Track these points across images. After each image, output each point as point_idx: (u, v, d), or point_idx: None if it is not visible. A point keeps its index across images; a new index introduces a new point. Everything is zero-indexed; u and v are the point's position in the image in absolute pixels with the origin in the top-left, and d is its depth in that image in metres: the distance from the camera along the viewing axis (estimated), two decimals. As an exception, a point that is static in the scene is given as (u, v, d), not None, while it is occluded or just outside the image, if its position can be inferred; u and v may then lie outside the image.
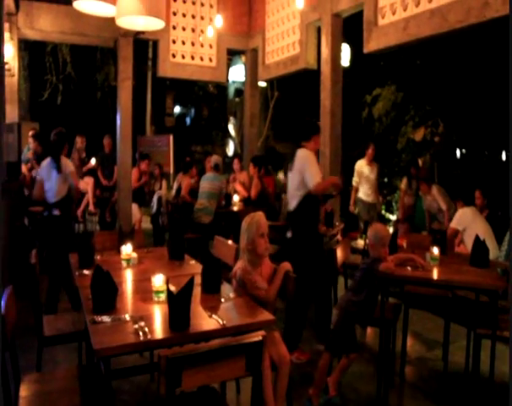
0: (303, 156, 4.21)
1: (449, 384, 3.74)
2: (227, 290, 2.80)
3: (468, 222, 5.25)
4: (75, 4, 3.72)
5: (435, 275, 3.41)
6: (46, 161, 4.96)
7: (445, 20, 4.44)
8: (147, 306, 2.51)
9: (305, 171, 4.11)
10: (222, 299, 2.65)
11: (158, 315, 2.40)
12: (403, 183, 7.71)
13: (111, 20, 3.89)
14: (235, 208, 6.62)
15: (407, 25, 4.90)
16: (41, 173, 4.96)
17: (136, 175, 7.75)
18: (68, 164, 5.02)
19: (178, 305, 2.20)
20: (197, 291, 2.69)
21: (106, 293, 2.46)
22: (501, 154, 11.51)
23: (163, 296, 2.51)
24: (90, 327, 2.21)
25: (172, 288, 2.30)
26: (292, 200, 4.29)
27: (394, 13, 5.11)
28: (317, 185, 4.05)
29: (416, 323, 4.75)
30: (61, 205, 4.91)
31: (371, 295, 3.31)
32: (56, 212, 4.91)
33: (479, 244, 3.67)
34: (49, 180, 4.89)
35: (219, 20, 7.03)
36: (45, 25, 6.58)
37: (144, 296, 2.65)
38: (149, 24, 3.96)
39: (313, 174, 4.06)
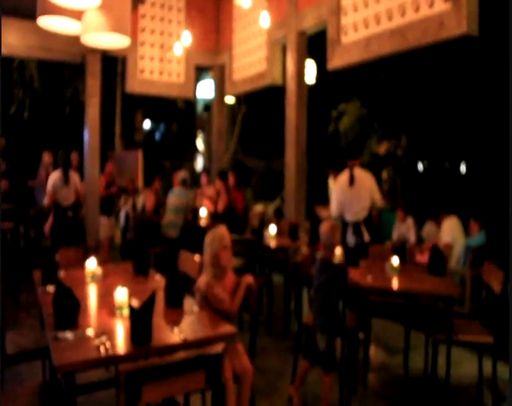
0: (369, 175, 4.97)
1: (410, 389, 3.85)
2: (191, 304, 2.83)
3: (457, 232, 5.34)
4: (39, 21, 3.71)
5: (395, 284, 3.53)
6: (58, 174, 6.48)
7: (405, 39, 4.65)
8: (110, 321, 2.53)
9: (373, 189, 4.91)
10: (185, 313, 2.69)
11: (121, 330, 2.42)
12: None
13: (79, 36, 3.91)
14: (202, 222, 6.65)
15: (369, 43, 5.08)
16: (54, 184, 6.43)
17: (103, 182, 7.64)
18: (74, 176, 6.62)
19: (140, 320, 2.23)
20: (160, 305, 2.72)
21: (68, 309, 2.46)
22: (460, 165, 11.89)
23: (126, 311, 2.53)
24: (52, 344, 2.21)
25: (134, 303, 2.34)
26: (363, 212, 4.87)
27: (356, 31, 5.29)
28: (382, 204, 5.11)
29: (378, 331, 4.87)
30: (72, 208, 6.53)
31: (335, 300, 3.40)
32: (69, 213, 6.48)
33: (436, 253, 3.82)
34: (61, 189, 6.43)
35: (187, 37, 7.11)
36: (12, 40, 6.53)
37: (107, 311, 2.66)
38: (114, 41, 3.98)
39: (379, 194, 4.98)
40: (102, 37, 3.94)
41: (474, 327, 3.61)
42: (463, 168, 11.40)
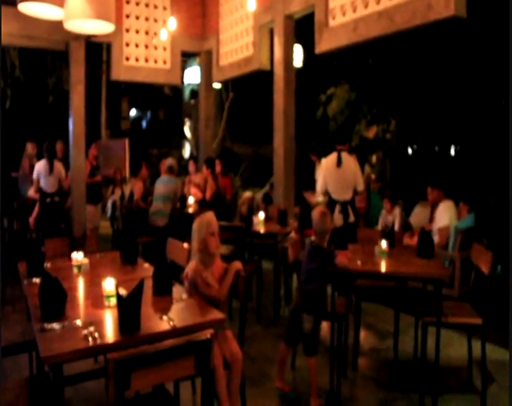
0: (355, 161, 5.38)
1: (400, 372, 3.88)
2: (179, 291, 2.81)
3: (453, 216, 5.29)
4: (20, 7, 3.63)
5: (383, 268, 3.53)
6: (42, 163, 6.90)
7: (392, 21, 4.63)
8: (98, 311, 2.50)
9: (357, 174, 5.27)
10: (174, 301, 2.67)
11: (109, 320, 2.40)
12: None
13: (62, 22, 3.82)
14: (190, 210, 6.61)
15: (357, 26, 5.05)
16: (39, 172, 6.87)
17: (88, 167, 7.54)
18: (58, 165, 7.01)
19: (128, 308, 2.21)
20: (149, 293, 2.70)
21: (55, 300, 2.42)
22: (450, 149, 11.92)
23: (114, 300, 2.49)
24: (38, 335, 2.18)
25: (122, 292, 2.31)
26: (348, 192, 5.24)
27: (344, 15, 5.26)
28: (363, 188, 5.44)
29: (368, 315, 4.89)
30: (58, 194, 6.98)
31: (323, 284, 3.40)
32: (56, 199, 6.92)
33: (424, 235, 3.82)
34: (46, 177, 6.85)
35: (172, 23, 7.02)
36: (-9, 26, 6.37)
37: (95, 301, 2.63)
38: (98, 27, 3.91)
39: (362, 179, 5.37)
40: (86, 23, 3.87)
41: (463, 309, 3.62)
42: (452, 152, 11.44)
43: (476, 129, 9.46)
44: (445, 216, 5.21)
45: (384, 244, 3.71)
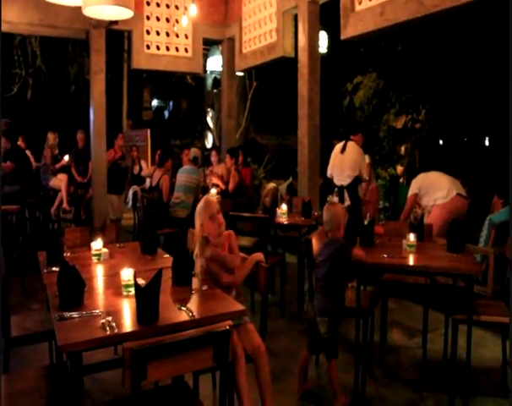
0: (359, 151, 5.60)
1: (429, 371, 3.73)
2: (198, 282, 2.73)
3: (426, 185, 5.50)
4: (40, -7, 3.59)
5: (411, 261, 3.38)
6: None
7: (421, 5, 4.43)
8: (116, 301, 2.46)
9: (361, 163, 5.55)
10: (193, 291, 2.60)
11: (127, 310, 2.35)
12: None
13: (82, 11, 3.76)
14: (213, 201, 6.52)
15: (384, 10, 4.86)
16: None
17: (110, 156, 7.51)
18: None
19: (146, 298, 2.16)
20: (168, 284, 2.64)
21: (73, 288, 2.38)
22: (484, 140, 11.55)
23: (132, 290, 2.44)
24: (56, 324, 2.15)
25: (141, 282, 2.26)
26: (345, 177, 5.52)
27: (370, -1, 5.06)
28: (366, 175, 5.73)
29: (395, 311, 4.73)
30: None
31: (342, 283, 3.26)
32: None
33: (455, 228, 3.64)
34: None
35: (194, 9, 6.91)
36: (12, 16, 6.34)
37: (113, 291, 2.59)
38: (117, 13, 3.84)
39: (365, 168, 5.66)
40: (105, 9, 3.80)
41: (497, 308, 3.45)
42: (486, 142, 11.06)
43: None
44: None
45: (412, 237, 3.56)
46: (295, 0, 6.21)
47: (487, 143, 11.75)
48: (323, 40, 9.27)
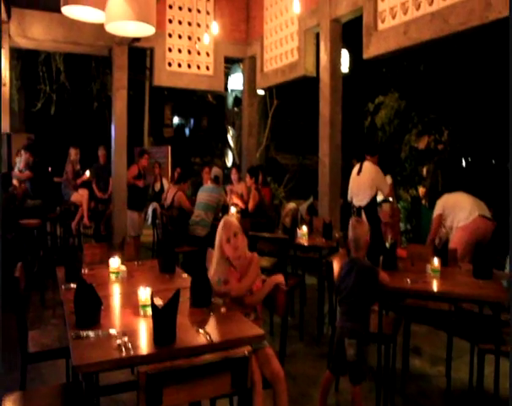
0: (376, 169, 5.65)
1: (453, 402, 3.58)
2: (218, 304, 2.67)
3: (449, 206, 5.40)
4: (64, 10, 3.64)
5: (436, 287, 3.28)
6: None
7: (446, 23, 4.38)
8: (133, 321, 2.42)
9: (379, 181, 5.64)
10: (211, 313, 2.54)
11: (143, 330, 2.31)
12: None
13: (105, 28, 3.82)
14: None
15: (408, 29, 4.83)
16: None
17: (134, 172, 7.55)
18: None
19: (163, 319, 2.11)
20: (186, 304, 2.59)
21: (90, 307, 2.36)
22: (508, 162, 11.32)
23: (149, 310, 2.40)
24: (72, 343, 2.13)
25: (158, 302, 2.22)
26: (362, 198, 5.63)
27: (394, 17, 5.04)
28: (389, 191, 5.96)
29: (417, 338, 4.59)
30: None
31: (365, 302, 3.16)
32: None
33: (481, 254, 3.53)
34: None
35: (215, 27, 6.98)
36: (37, 34, 6.49)
37: (130, 310, 2.55)
38: (139, 30, 3.86)
39: (385, 184, 5.79)
40: (127, 26, 3.83)
41: (525, 336, 3.30)
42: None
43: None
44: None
45: (436, 261, 3.47)
46: (317, 18, 6.21)
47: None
48: (345, 59, 9.23)
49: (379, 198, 6.74)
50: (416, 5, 4.74)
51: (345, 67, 9.28)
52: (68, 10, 3.66)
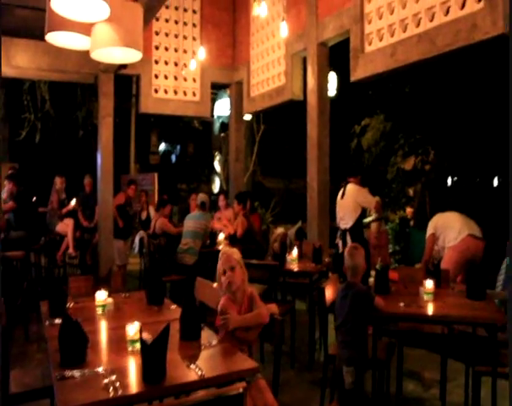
0: (357, 189, 5.68)
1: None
2: (209, 336, 2.59)
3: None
4: (48, 37, 3.57)
5: (430, 310, 3.25)
6: None
7: (433, 44, 4.42)
8: (121, 357, 2.32)
9: (363, 199, 5.63)
10: (202, 347, 2.46)
11: (132, 367, 2.22)
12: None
13: (90, 55, 3.77)
14: (220, 247, 6.39)
15: (395, 51, 4.86)
16: None
17: (121, 200, 7.46)
18: None
19: (152, 356, 2.03)
20: (175, 338, 2.51)
21: (75, 345, 2.26)
22: (493, 180, 11.50)
23: (138, 345, 2.31)
24: (56, 384, 2.03)
25: (146, 337, 2.13)
26: (349, 221, 5.64)
27: (381, 40, 5.08)
28: (376, 204, 5.84)
29: (411, 362, 4.52)
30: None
31: (361, 328, 3.11)
32: None
33: (474, 275, 3.51)
34: None
35: (202, 53, 7.00)
36: (22, 62, 6.42)
37: (118, 346, 2.46)
38: (126, 56, 3.82)
39: (370, 198, 5.73)
40: (113, 52, 3.78)
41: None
42: (495, 182, 11.02)
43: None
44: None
45: (429, 283, 3.43)
46: (304, 43, 6.26)
47: (495, 183, 11.67)
48: (332, 82, 9.31)
49: (368, 219, 6.75)
50: (403, 27, 4.79)
51: (332, 89, 9.36)
52: (52, 37, 3.58)
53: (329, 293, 3.45)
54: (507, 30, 3.78)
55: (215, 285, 3.47)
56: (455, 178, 11.19)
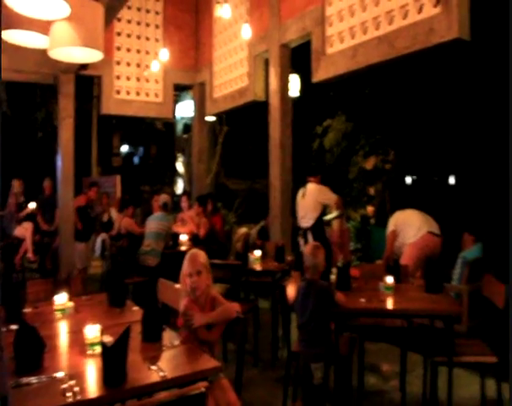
0: (318, 187, 5.75)
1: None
2: (171, 337, 2.58)
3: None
4: (4, 35, 3.47)
5: (389, 305, 3.34)
6: None
7: (393, 47, 4.54)
8: (81, 361, 2.29)
9: (323, 197, 5.68)
10: (164, 348, 2.45)
11: (92, 371, 2.19)
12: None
13: (50, 55, 3.68)
14: (183, 248, 6.35)
15: (356, 53, 4.96)
16: None
17: (81, 202, 7.33)
18: None
19: (112, 358, 2.01)
20: (137, 340, 2.49)
21: (31, 350, 2.21)
22: (448, 179, 11.87)
23: (98, 348, 2.28)
24: (11, 392, 1.96)
25: (107, 339, 2.11)
26: (310, 220, 5.71)
27: (342, 42, 5.17)
28: (337, 201, 5.78)
29: (372, 355, 4.62)
30: None
31: (325, 324, 3.17)
32: None
33: (432, 270, 3.62)
34: None
35: (164, 54, 6.96)
36: (-25, 62, 6.23)
37: (78, 350, 2.41)
38: (86, 55, 3.75)
39: (331, 195, 5.75)
40: (73, 52, 3.71)
41: (476, 347, 3.40)
42: (452, 181, 11.38)
43: (478, 158, 9.39)
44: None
45: (388, 279, 3.53)
46: (266, 44, 6.31)
47: (451, 181, 12.05)
48: (295, 83, 9.39)
49: (330, 216, 6.84)
50: (364, 29, 4.89)
51: (295, 91, 9.44)
52: (8, 35, 3.49)
53: (291, 290, 3.49)
54: (461, 35, 3.93)
55: (177, 286, 3.46)
56: (415, 177, 11.52)
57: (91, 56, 3.68)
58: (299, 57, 6.37)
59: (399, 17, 4.49)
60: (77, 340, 2.54)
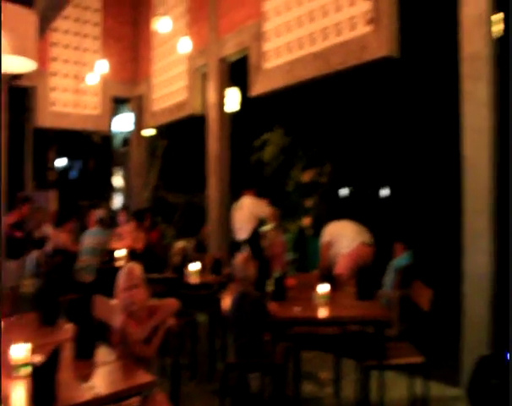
0: (252, 201, 5.85)
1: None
2: (106, 354, 2.56)
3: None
4: None
5: (323, 313, 3.44)
6: None
7: (327, 63, 4.72)
8: (8, 384, 2.20)
9: (258, 209, 5.79)
10: (97, 365, 2.43)
11: (21, 394, 2.12)
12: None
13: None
14: (120, 263, 6.23)
15: (292, 68, 5.11)
16: None
17: (14, 218, 7.00)
18: None
19: (42, 378, 1.96)
20: (69, 358, 2.45)
21: None
22: (378, 190, 12.29)
23: (25, 369, 2.23)
24: None
25: (37, 359, 2.06)
26: (242, 232, 5.84)
27: (279, 57, 5.30)
28: (271, 213, 5.90)
29: (307, 363, 4.69)
30: None
31: (259, 334, 3.22)
32: None
33: (363, 278, 3.77)
34: None
35: (104, 66, 6.87)
36: None
37: (4, 372, 2.30)
38: (18, 65, 3.64)
39: (265, 208, 5.87)
40: (3, 60, 3.59)
41: (404, 349, 3.56)
42: (383, 193, 11.80)
43: (407, 171, 9.81)
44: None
45: (322, 288, 3.63)
46: (205, 58, 6.37)
47: (384, 193, 12.48)
48: (235, 97, 9.48)
49: (265, 228, 6.95)
50: (300, 45, 5.04)
51: (235, 104, 9.53)
52: None
53: (227, 303, 3.54)
54: (391, 52, 4.16)
55: (113, 302, 3.42)
56: (351, 189, 11.86)
57: (23, 65, 3.59)
58: (240, 71, 6.47)
59: (333, 34, 4.69)
60: (4, 362, 2.44)
